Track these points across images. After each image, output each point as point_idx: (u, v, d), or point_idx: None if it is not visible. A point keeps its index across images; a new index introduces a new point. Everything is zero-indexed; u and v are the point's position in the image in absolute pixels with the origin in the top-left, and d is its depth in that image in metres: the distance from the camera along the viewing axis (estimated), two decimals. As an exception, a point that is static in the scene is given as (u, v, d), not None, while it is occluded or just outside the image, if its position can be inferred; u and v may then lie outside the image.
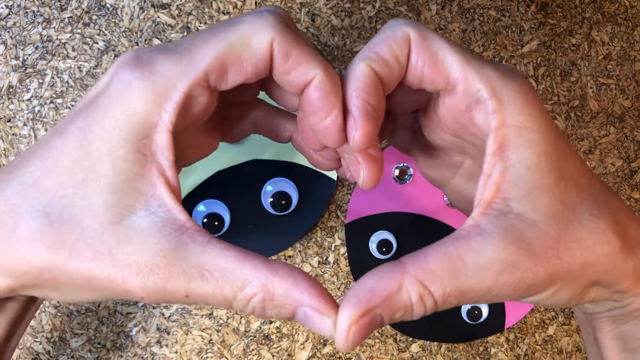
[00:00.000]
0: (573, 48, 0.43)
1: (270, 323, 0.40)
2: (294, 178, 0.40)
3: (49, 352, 0.39)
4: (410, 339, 0.41)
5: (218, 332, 0.40)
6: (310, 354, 0.40)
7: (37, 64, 0.40)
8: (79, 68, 0.40)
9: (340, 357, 0.41)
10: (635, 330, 0.23)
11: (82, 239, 0.19)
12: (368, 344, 0.41)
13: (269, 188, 0.40)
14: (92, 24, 0.40)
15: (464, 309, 0.41)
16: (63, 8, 0.40)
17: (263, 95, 0.26)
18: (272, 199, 0.40)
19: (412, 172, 0.40)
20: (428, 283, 0.19)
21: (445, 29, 0.42)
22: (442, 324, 0.41)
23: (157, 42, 0.40)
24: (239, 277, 0.19)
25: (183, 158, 0.22)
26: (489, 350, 0.42)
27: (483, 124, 0.21)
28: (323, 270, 0.41)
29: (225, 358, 0.40)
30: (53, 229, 0.19)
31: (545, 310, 0.42)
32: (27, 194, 0.20)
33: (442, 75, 0.21)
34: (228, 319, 0.40)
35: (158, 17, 0.40)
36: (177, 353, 0.40)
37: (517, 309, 0.41)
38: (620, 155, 0.43)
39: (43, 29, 0.40)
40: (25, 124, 0.40)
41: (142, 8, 0.40)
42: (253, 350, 0.40)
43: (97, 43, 0.40)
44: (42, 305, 0.39)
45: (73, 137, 0.20)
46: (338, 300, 0.22)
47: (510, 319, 0.41)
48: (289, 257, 0.41)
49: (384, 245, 0.40)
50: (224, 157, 0.40)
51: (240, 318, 0.40)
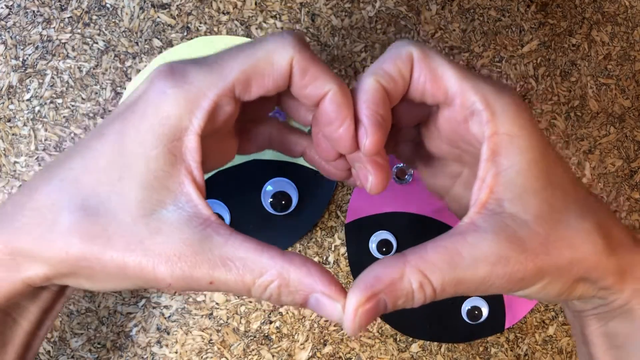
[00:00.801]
0: (573, 48, 0.43)
1: (270, 323, 0.40)
2: (294, 178, 0.40)
3: (49, 352, 0.39)
4: (410, 339, 0.41)
5: (218, 332, 0.40)
6: (310, 354, 0.40)
7: (37, 64, 0.40)
8: (79, 68, 0.40)
9: (340, 357, 0.41)
10: (620, 327, 0.25)
11: (116, 231, 0.21)
12: (368, 344, 0.41)
13: (269, 188, 0.40)
14: (92, 24, 0.40)
15: (464, 309, 0.41)
16: (63, 8, 0.40)
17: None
18: (272, 199, 0.40)
19: (412, 172, 0.40)
20: (428, 272, 0.21)
21: (445, 29, 0.42)
22: (442, 324, 0.41)
23: (157, 42, 0.40)
24: (258, 265, 0.21)
25: (205, 163, 0.23)
26: (489, 350, 0.42)
27: (478, 133, 0.23)
28: (323, 270, 0.41)
29: (225, 358, 0.40)
30: (90, 222, 0.21)
31: (545, 310, 0.42)
32: (66, 190, 0.22)
33: (441, 90, 0.23)
34: (228, 319, 0.40)
35: (158, 17, 0.40)
36: (177, 353, 0.40)
37: (517, 309, 0.41)
38: (620, 155, 0.43)
39: (43, 29, 0.40)
40: (25, 124, 0.40)
41: (142, 8, 0.40)
42: (253, 350, 0.40)
43: (97, 43, 0.40)
44: (42, 305, 0.40)
45: (111, 139, 0.22)
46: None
47: (510, 319, 0.41)
48: (289, 257, 0.41)
49: (384, 245, 0.40)
50: (224, 157, 0.40)
51: (240, 318, 0.40)
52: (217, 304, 0.40)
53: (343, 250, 0.41)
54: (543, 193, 0.22)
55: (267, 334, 0.40)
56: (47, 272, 0.22)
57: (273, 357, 0.40)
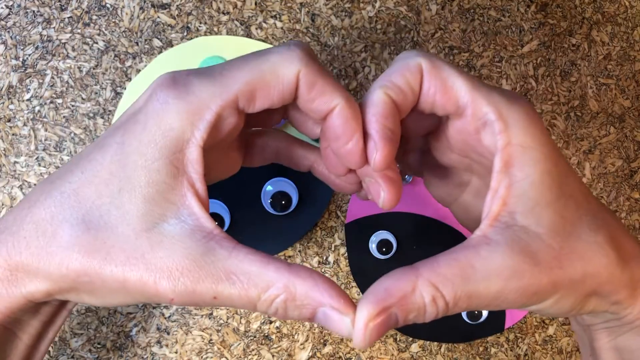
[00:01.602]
0: (573, 48, 0.43)
1: (270, 323, 0.40)
2: (294, 178, 0.40)
3: (49, 352, 0.39)
4: (410, 339, 0.41)
5: (218, 332, 0.40)
6: (310, 354, 0.40)
7: (37, 64, 0.40)
8: (79, 68, 0.40)
9: (340, 357, 0.41)
10: (631, 342, 0.24)
11: (117, 245, 0.21)
12: (368, 344, 0.41)
13: (269, 188, 0.40)
14: (92, 24, 0.40)
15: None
16: (63, 8, 0.40)
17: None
18: (272, 199, 0.40)
19: (412, 172, 0.40)
20: (440, 286, 0.20)
21: (445, 29, 0.42)
22: (442, 324, 0.41)
23: (157, 42, 0.40)
24: (263, 279, 0.20)
25: (208, 175, 0.24)
26: (489, 350, 0.42)
27: (490, 144, 0.23)
28: (323, 270, 0.41)
29: (225, 358, 0.40)
30: (90, 235, 0.21)
31: (545, 310, 0.42)
32: (66, 203, 0.22)
33: (452, 101, 0.23)
34: (228, 319, 0.40)
35: (158, 17, 0.40)
36: (177, 353, 0.40)
37: (516, 310, 0.41)
38: (620, 155, 0.43)
39: (43, 29, 0.40)
40: (25, 124, 0.40)
41: (142, 8, 0.40)
42: (253, 350, 0.40)
43: (97, 43, 0.40)
44: (42, 305, 0.40)
45: (112, 150, 0.22)
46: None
47: (510, 319, 0.41)
48: (289, 257, 0.41)
49: (384, 245, 0.40)
50: (224, 157, 0.40)
51: (240, 318, 0.40)
52: (217, 304, 0.40)
53: (343, 250, 0.41)
54: (556, 205, 0.22)
55: (267, 334, 0.40)
56: (48, 287, 0.22)
57: (273, 357, 0.40)
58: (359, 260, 0.40)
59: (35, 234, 0.22)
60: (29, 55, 0.40)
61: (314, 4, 0.41)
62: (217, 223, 0.40)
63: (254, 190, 0.40)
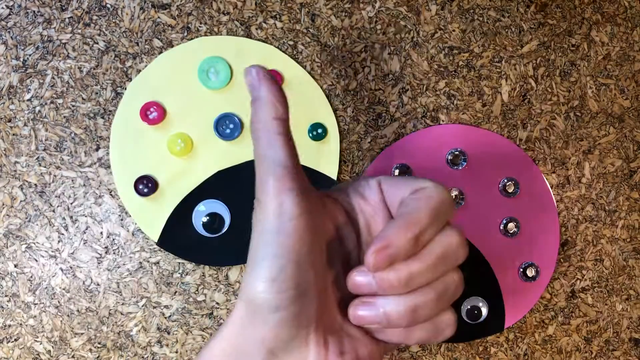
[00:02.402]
0: (572, 48, 0.43)
1: (270, 323, 0.40)
2: (294, 178, 0.40)
3: (50, 351, 0.40)
4: (410, 339, 0.41)
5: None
6: (310, 354, 0.40)
7: (37, 64, 0.40)
8: (80, 68, 0.40)
9: (340, 356, 0.41)
10: None
11: None
12: (368, 344, 0.41)
13: (269, 188, 0.40)
14: (92, 24, 0.40)
15: (464, 309, 0.41)
16: (63, 8, 0.40)
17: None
18: (272, 199, 0.40)
19: (411, 172, 0.40)
20: None
21: (445, 30, 0.42)
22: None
23: (157, 42, 0.40)
24: None
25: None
26: (489, 350, 0.42)
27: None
28: (323, 270, 0.41)
29: (226, 358, 0.40)
30: None
31: (545, 310, 0.42)
32: None
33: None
34: (228, 319, 0.40)
35: (158, 17, 0.40)
36: (177, 353, 0.40)
37: (516, 309, 0.41)
38: (620, 155, 0.43)
39: (43, 29, 0.40)
40: (26, 124, 0.40)
41: (142, 8, 0.40)
42: (253, 350, 0.40)
43: (97, 43, 0.40)
44: (42, 305, 0.40)
45: None
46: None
47: (510, 319, 0.41)
48: (289, 257, 0.41)
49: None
50: (224, 157, 0.40)
51: (241, 318, 0.40)
52: (217, 304, 0.40)
53: (343, 250, 0.41)
54: None
55: (267, 334, 0.40)
56: None
57: (273, 356, 0.40)
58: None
59: None
60: (30, 56, 0.40)
61: (314, 4, 0.41)
62: (217, 223, 0.40)
63: (254, 190, 0.40)
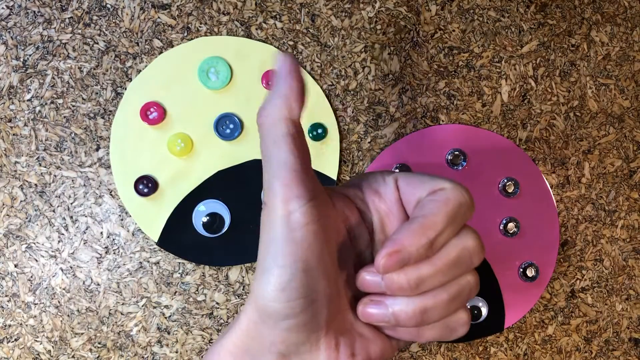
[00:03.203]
0: (572, 48, 0.43)
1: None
2: (294, 178, 0.40)
3: (50, 351, 0.40)
4: (410, 339, 0.41)
5: (218, 331, 0.40)
6: (310, 354, 0.41)
7: (37, 65, 0.40)
8: (80, 68, 0.40)
9: (340, 356, 0.41)
10: None
11: None
12: (368, 344, 0.41)
13: (269, 188, 0.40)
14: (92, 25, 0.40)
15: (464, 309, 0.41)
16: (64, 8, 0.40)
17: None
18: (272, 199, 0.40)
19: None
20: None
21: (445, 30, 0.42)
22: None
23: (157, 42, 0.40)
24: None
25: None
26: (489, 350, 0.42)
27: None
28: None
29: (226, 357, 0.40)
30: None
31: (545, 310, 0.42)
32: None
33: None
34: (229, 319, 0.40)
35: (158, 17, 0.41)
36: (177, 352, 0.40)
37: (516, 309, 0.41)
38: (620, 155, 0.43)
39: (44, 30, 0.40)
40: (26, 124, 0.40)
41: (142, 8, 0.40)
42: (253, 350, 0.40)
43: (97, 43, 0.40)
44: (42, 305, 0.40)
45: None
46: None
47: (510, 319, 0.41)
48: (289, 256, 0.41)
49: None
50: (224, 157, 0.40)
51: (241, 318, 0.40)
52: (217, 304, 0.40)
53: (343, 250, 0.41)
54: None
55: (267, 334, 0.40)
56: None
57: (273, 356, 0.40)
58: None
59: None
60: (30, 56, 0.40)
61: (314, 5, 0.41)
62: (217, 223, 0.40)
63: (254, 190, 0.40)
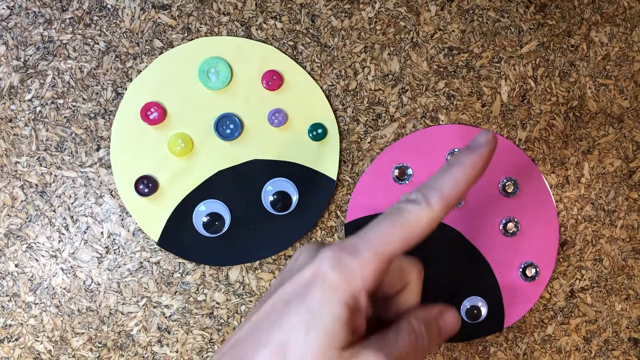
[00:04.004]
0: (572, 49, 0.43)
1: (271, 322, 0.40)
2: (294, 178, 0.40)
3: (50, 351, 0.40)
4: (410, 339, 0.41)
5: (219, 331, 0.40)
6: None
7: (38, 65, 0.40)
8: (80, 68, 0.40)
9: (340, 356, 0.41)
10: None
11: None
12: (368, 343, 0.41)
13: (269, 188, 0.40)
14: (93, 25, 0.40)
15: (463, 309, 0.41)
16: (64, 9, 0.40)
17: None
18: (272, 199, 0.40)
19: (411, 172, 0.41)
20: None
21: (445, 30, 0.42)
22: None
23: (157, 42, 0.40)
24: None
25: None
26: (488, 350, 0.42)
27: None
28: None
29: (226, 357, 0.40)
30: None
31: (544, 310, 0.42)
32: None
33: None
34: (228, 319, 0.40)
35: (159, 18, 0.41)
36: (177, 352, 0.40)
37: (515, 309, 0.41)
38: (619, 156, 0.43)
39: (44, 30, 0.40)
40: (27, 124, 0.40)
41: (142, 9, 0.41)
42: (253, 350, 0.40)
43: (98, 44, 0.40)
44: (43, 305, 0.40)
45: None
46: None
47: (509, 319, 0.41)
48: (289, 257, 0.41)
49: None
50: (224, 157, 0.40)
51: (241, 317, 0.40)
52: (217, 304, 0.41)
53: (343, 250, 0.41)
54: None
55: (267, 333, 0.40)
56: None
57: (273, 356, 0.40)
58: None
59: None
60: (30, 56, 0.40)
61: (314, 5, 0.41)
62: (217, 223, 0.40)
63: (254, 190, 0.40)
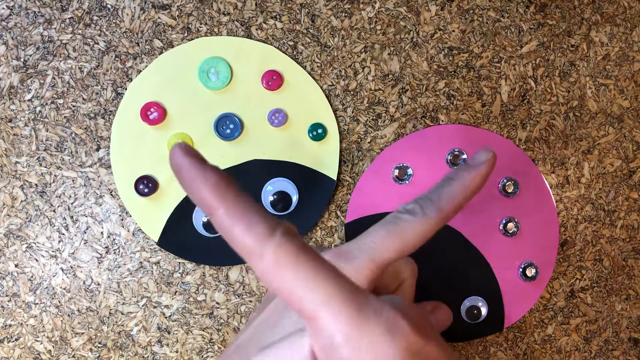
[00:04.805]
0: (572, 49, 0.43)
1: (271, 322, 0.41)
2: (294, 178, 0.40)
3: (50, 351, 0.40)
4: (410, 339, 0.41)
5: (219, 331, 0.40)
6: (310, 353, 0.41)
7: (38, 65, 0.40)
8: (80, 68, 0.40)
9: (340, 356, 0.41)
10: None
11: None
12: (368, 344, 0.41)
13: (269, 188, 0.40)
14: (93, 25, 0.40)
15: (463, 309, 0.41)
16: (64, 9, 0.40)
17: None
18: (272, 199, 0.40)
19: (411, 172, 0.41)
20: None
21: (445, 30, 0.42)
22: (441, 324, 0.41)
23: (157, 42, 0.40)
24: None
25: None
26: (488, 350, 0.42)
27: None
28: (323, 270, 0.41)
29: (226, 357, 0.40)
30: None
31: (544, 310, 0.42)
32: None
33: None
34: (228, 319, 0.40)
35: (159, 17, 0.41)
36: (177, 352, 0.40)
37: (516, 309, 0.41)
38: (619, 156, 0.43)
39: (44, 30, 0.40)
40: (27, 124, 0.40)
41: (142, 9, 0.41)
42: (253, 350, 0.40)
43: (98, 44, 0.40)
44: (43, 305, 0.40)
45: None
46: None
47: (509, 319, 0.41)
48: (289, 256, 0.41)
49: (384, 245, 0.40)
50: (224, 157, 0.40)
51: (241, 317, 0.40)
52: (217, 304, 0.41)
53: (343, 250, 0.41)
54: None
55: (267, 334, 0.40)
56: None
57: (273, 356, 0.40)
58: (359, 260, 0.40)
59: None
60: (30, 56, 0.40)
61: (314, 5, 0.41)
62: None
63: (254, 190, 0.40)
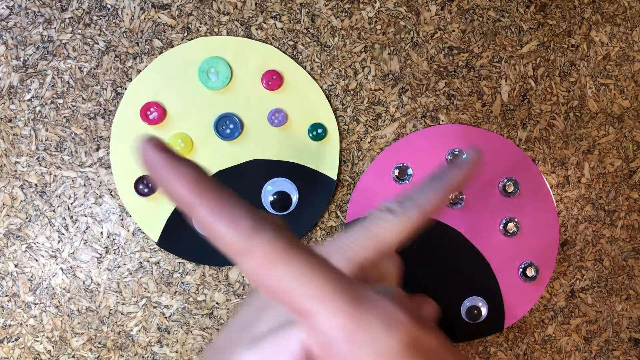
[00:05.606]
0: (572, 48, 0.43)
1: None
2: (294, 178, 0.40)
3: (50, 351, 0.40)
4: (410, 339, 0.41)
5: (218, 331, 0.40)
6: (310, 354, 0.41)
7: (38, 65, 0.40)
8: (80, 68, 0.40)
9: (340, 356, 0.41)
10: None
11: None
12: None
13: (269, 188, 0.40)
14: (92, 25, 0.40)
15: (464, 309, 0.41)
16: (64, 9, 0.40)
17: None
18: (272, 199, 0.40)
19: (411, 172, 0.41)
20: None
21: (445, 30, 0.42)
22: (441, 324, 0.41)
23: (157, 42, 0.40)
24: None
25: None
26: (489, 350, 0.42)
27: None
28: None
29: (226, 357, 0.40)
30: None
31: (545, 310, 0.42)
32: None
33: None
34: (229, 319, 0.40)
35: (159, 17, 0.41)
36: (177, 352, 0.40)
37: (516, 309, 0.41)
38: (619, 156, 0.43)
39: (44, 30, 0.40)
40: (26, 124, 0.40)
41: (142, 9, 0.40)
42: (253, 350, 0.40)
43: (97, 43, 0.40)
44: (43, 305, 0.40)
45: None
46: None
47: (510, 319, 0.41)
48: (289, 256, 0.41)
49: (384, 245, 0.40)
50: (224, 157, 0.40)
51: (241, 317, 0.41)
52: (217, 304, 0.41)
53: (343, 250, 0.41)
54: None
55: (267, 334, 0.40)
56: None
57: (273, 356, 0.40)
58: (359, 260, 0.40)
59: None
60: (30, 56, 0.40)
61: (314, 5, 0.41)
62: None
63: (254, 190, 0.40)
